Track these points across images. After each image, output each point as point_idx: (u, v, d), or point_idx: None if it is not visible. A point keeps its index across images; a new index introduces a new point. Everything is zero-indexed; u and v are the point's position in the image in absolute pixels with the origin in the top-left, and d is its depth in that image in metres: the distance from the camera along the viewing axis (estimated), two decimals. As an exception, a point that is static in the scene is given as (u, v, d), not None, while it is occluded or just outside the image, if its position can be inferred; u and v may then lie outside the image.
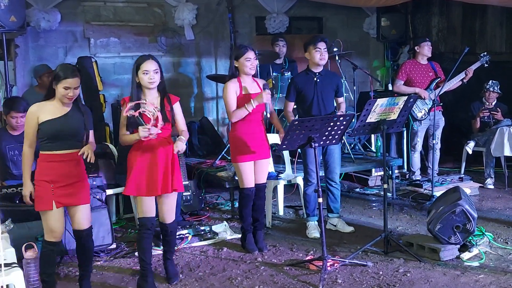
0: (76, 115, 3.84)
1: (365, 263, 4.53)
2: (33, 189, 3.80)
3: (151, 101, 4.04)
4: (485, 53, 6.80)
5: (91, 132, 3.94)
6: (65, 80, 3.71)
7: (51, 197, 3.76)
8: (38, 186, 3.78)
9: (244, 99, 4.74)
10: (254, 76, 4.92)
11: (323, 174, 5.45)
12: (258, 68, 6.64)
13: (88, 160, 3.78)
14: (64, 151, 3.79)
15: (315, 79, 5.20)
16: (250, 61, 4.74)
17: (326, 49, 5.16)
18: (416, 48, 6.89)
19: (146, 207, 4.08)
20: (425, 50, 6.85)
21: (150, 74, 4.00)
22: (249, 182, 4.84)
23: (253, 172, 4.85)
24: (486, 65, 6.75)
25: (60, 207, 3.81)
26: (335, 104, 5.40)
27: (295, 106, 5.37)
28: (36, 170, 3.80)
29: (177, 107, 4.24)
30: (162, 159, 4.06)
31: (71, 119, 3.81)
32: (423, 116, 6.75)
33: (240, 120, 4.76)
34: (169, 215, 4.21)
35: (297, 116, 5.54)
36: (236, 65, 4.77)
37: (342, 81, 6.91)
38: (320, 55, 5.13)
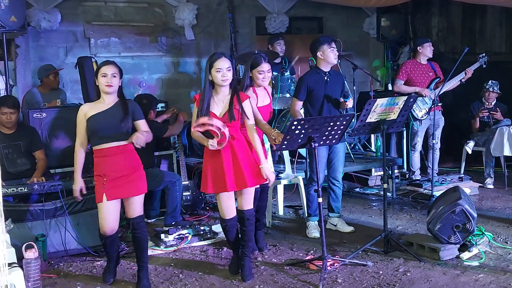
0: (117, 108, 4.07)
1: (365, 263, 4.53)
2: (83, 185, 4.18)
3: (222, 98, 4.16)
4: (484, 54, 6.82)
5: (141, 122, 4.19)
6: (100, 69, 4.02)
7: (102, 191, 4.01)
8: (95, 180, 4.10)
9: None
10: None
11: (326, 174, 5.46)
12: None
13: (135, 144, 4.03)
14: (111, 144, 4.04)
15: (325, 78, 5.21)
16: (262, 74, 4.73)
17: (336, 48, 5.23)
18: (418, 48, 6.90)
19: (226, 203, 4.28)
20: (428, 50, 6.87)
21: (224, 71, 4.08)
22: None
23: None
24: (484, 65, 6.78)
25: (112, 200, 4.03)
26: None
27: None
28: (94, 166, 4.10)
29: (246, 105, 4.22)
30: (240, 154, 4.18)
31: (111, 112, 4.05)
32: (424, 116, 6.76)
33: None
34: (248, 204, 4.35)
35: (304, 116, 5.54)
36: (251, 75, 4.76)
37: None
38: (334, 54, 5.16)
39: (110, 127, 4.02)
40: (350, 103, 5.19)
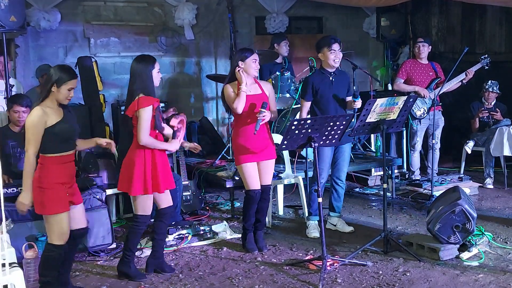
0: (71, 115, 3.93)
1: (365, 263, 4.53)
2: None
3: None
4: (486, 56, 6.82)
5: None
6: (71, 81, 3.79)
7: (66, 199, 3.83)
8: (51, 189, 3.75)
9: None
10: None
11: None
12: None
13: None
14: (70, 152, 3.89)
15: (330, 78, 5.21)
16: (255, 63, 4.78)
17: (340, 50, 5.20)
18: (413, 49, 6.99)
19: (149, 205, 4.31)
20: (415, 50, 6.93)
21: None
22: (254, 184, 4.81)
23: (257, 173, 4.83)
24: (486, 67, 6.78)
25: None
26: None
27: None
28: (43, 174, 3.76)
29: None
30: (166, 157, 4.36)
31: (71, 120, 3.90)
32: (422, 115, 6.77)
33: (243, 121, 4.77)
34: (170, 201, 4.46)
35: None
36: (242, 67, 4.76)
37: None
38: (334, 57, 5.15)
39: (74, 135, 3.93)
40: (358, 104, 5.15)
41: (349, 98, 5.32)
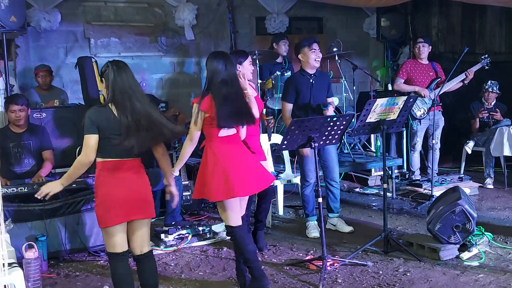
0: None
1: (365, 263, 4.54)
2: None
3: None
4: (486, 56, 6.82)
5: None
6: None
7: None
8: None
9: None
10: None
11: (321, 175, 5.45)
12: (258, 68, 6.69)
13: None
14: None
15: (310, 80, 5.22)
16: (251, 65, 4.77)
17: (320, 50, 5.22)
18: (413, 49, 7.00)
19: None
20: (415, 50, 6.95)
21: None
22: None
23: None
24: (486, 67, 6.79)
25: None
26: None
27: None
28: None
29: None
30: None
31: None
32: (422, 115, 6.77)
33: None
34: None
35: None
36: (240, 70, 4.75)
37: (342, 81, 6.97)
38: (315, 56, 5.16)
39: None
40: (329, 112, 5.14)
41: (329, 99, 5.33)
